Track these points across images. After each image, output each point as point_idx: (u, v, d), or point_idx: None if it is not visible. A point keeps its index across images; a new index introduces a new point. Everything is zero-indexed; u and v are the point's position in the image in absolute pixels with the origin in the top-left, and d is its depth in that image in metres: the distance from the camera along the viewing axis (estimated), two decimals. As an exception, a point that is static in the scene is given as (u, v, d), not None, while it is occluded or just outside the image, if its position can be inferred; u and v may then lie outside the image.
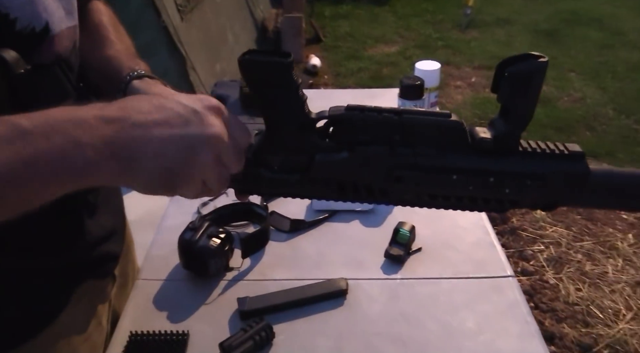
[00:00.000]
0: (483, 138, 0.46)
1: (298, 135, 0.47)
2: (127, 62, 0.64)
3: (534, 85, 0.43)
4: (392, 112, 0.46)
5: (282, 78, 0.44)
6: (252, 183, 0.50)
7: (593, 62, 4.13)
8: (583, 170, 0.46)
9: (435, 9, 5.26)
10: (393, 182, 0.47)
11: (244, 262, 0.92)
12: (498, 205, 0.48)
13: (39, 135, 0.36)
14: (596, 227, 2.27)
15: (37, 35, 0.53)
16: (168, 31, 2.32)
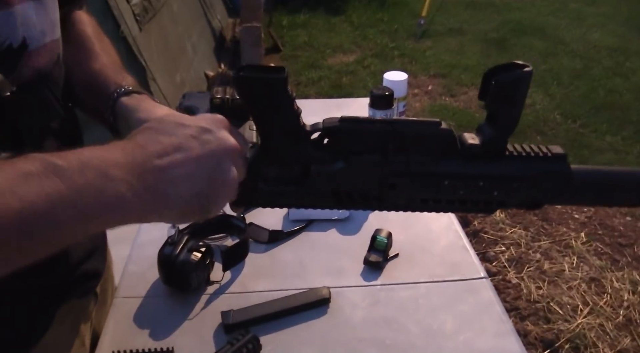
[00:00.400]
0: (472, 144, 0.49)
1: (293, 147, 0.48)
2: (114, 77, 0.63)
3: (519, 93, 0.45)
4: (385, 122, 0.48)
5: (278, 93, 0.45)
6: (248, 196, 0.50)
7: (539, 69, 4.35)
8: (565, 170, 0.49)
9: (390, 19, 5.39)
10: (387, 189, 0.49)
11: (225, 275, 0.92)
12: (486, 207, 0.51)
13: (74, 171, 0.37)
14: (551, 227, 2.38)
15: (15, 51, 0.52)
16: (127, 41, 2.27)
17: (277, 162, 0.49)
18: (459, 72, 4.13)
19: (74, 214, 0.37)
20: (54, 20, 0.58)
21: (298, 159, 0.49)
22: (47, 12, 0.56)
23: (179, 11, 3.29)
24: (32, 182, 0.35)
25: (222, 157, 0.42)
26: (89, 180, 0.37)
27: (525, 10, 6.02)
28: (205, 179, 0.41)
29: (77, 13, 0.71)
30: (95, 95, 0.61)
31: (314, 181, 0.49)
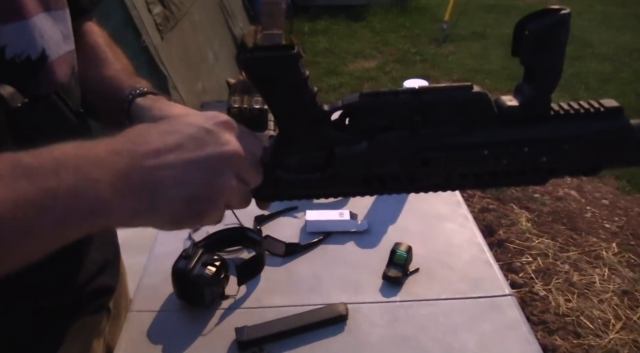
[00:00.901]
0: (510, 106, 0.44)
1: (313, 131, 0.45)
2: (128, 81, 0.62)
3: (558, 41, 0.40)
4: (409, 92, 0.43)
5: (289, 72, 0.42)
6: (272, 188, 0.47)
7: (565, 73, 4.21)
8: (623, 125, 0.44)
9: (412, 24, 5.35)
10: (420, 166, 0.45)
11: (240, 290, 0.90)
12: (535, 176, 0.46)
13: (46, 172, 0.33)
14: (580, 237, 2.30)
15: (34, 63, 0.51)
16: (148, 51, 2.29)
17: (298, 149, 0.46)
18: (483, 77, 4.06)
19: (48, 219, 0.33)
20: (69, 32, 0.58)
21: (319, 143, 0.45)
22: (62, 24, 0.56)
23: (201, 20, 3.32)
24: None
25: (220, 161, 0.38)
26: (63, 182, 0.33)
27: (551, 13, 5.90)
28: (198, 184, 0.37)
29: (88, 24, 0.71)
30: (111, 101, 0.60)
31: (339, 166, 0.46)
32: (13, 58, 0.49)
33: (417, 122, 0.44)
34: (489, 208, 2.47)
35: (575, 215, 2.47)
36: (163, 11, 2.54)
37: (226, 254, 0.97)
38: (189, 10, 3.04)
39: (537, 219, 2.43)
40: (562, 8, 0.40)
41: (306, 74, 0.42)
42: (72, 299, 0.65)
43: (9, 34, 0.48)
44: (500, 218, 2.41)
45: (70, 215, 0.34)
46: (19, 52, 0.49)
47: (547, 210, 2.50)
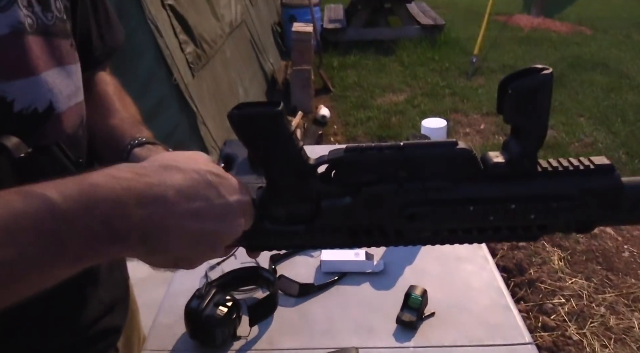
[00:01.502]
0: (496, 163, 0.44)
1: (299, 184, 0.46)
2: (130, 130, 0.64)
3: (541, 100, 0.41)
4: (394, 147, 0.44)
5: (274, 128, 0.43)
6: (260, 239, 0.48)
7: (601, 106, 4.14)
8: (614, 184, 0.43)
9: (441, 57, 5.37)
10: (407, 221, 0.45)
11: (252, 331, 0.90)
12: (526, 233, 0.45)
13: (72, 213, 0.36)
14: (617, 277, 2.19)
15: (41, 115, 0.54)
16: (179, 88, 2.38)
17: (285, 201, 0.47)
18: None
19: (63, 259, 0.37)
20: (78, 84, 0.61)
21: (306, 196, 0.46)
22: (72, 77, 0.59)
23: (232, 56, 3.43)
24: (27, 223, 0.35)
25: (237, 209, 0.43)
26: (88, 227, 0.37)
27: (585, 45, 5.83)
28: (203, 251, 0.42)
29: (100, 74, 0.74)
30: (112, 150, 0.63)
31: (325, 218, 0.46)
32: (20, 111, 0.52)
33: (402, 177, 0.44)
34: (519, 246, 2.39)
35: (612, 254, 2.36)
36: (195, 50, 2.64)
37: (240, 293, 0.97)
38: (220, 48, 3.15)
39: (571, 258, 2.34)
40: (545, 68, 0.40)
41: (291, 130, 0.44)
42: (76, 340, 0.66)
43: (18, 89, 0.51)
44: (530, 257, 2.33)
45: (85, 256, 0.38)
46: (27, 106, 0.52)
47: (581, 248, 2.40)
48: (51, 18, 0.56)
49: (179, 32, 2.51)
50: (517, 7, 7.67)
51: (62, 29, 0.58)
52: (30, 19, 0.53)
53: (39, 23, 0.54)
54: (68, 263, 0.37)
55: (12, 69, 0.51)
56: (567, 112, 3.97)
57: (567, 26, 6.72)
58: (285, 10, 5.56)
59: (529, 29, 6.53)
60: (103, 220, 0.37)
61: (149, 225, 0.39)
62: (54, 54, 0.56)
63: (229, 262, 1.08)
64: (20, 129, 0.51)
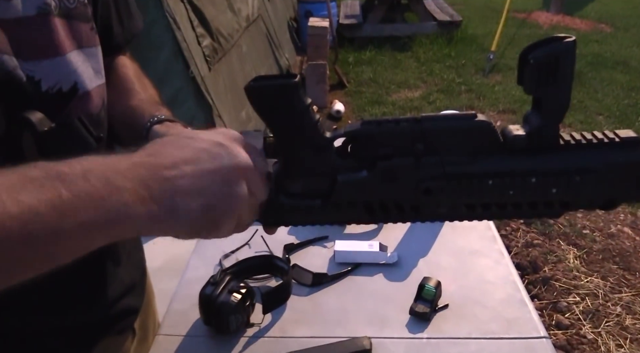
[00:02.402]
0: (516, 135, 0.42)
1: (315, 158, 0.45)
2: (149, 109, 0.65)
3: (563, 69, 0.39)
4: (411, 120, 0.43)
5: (290, 100, 0.43)
6: (276, 214, 0.48)
7: (621, 105, 4.08)
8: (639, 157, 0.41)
9: (457, 54, 5.32)
10: (423, 195, 0.44)
11: (265, 318, 0.90)
12: (548, 209, 0.44)
13: (77, 178, 0.36)
14: (634, 277, 2.16)
15: (65, 94, 0.55)
16: (196, 81, 2.39)
17: (300, 175, 0.46)
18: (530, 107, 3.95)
19: (77, 222, 0.35)
20: (100, 67, 0.62)
21: (322, 170, 0.46)
22: (94, 59, 0.60)
23: (248, 51, 3.44)
24: (33, 187, 0.35)
25: (233, 172, 0.41)
26: (92, 187, 0.36)
27: (605, 43, 5.73)
28: (214, 193, 0.41)
29: (120, 58, 0.75)
30: (132, 129, 0.64)
31: (341, 193, 0.46)
32: (47, 90, 0.53)
33: (419, 150, 0.43)
34: (534, 244, 2.37)
35: (629, 254, 2.32)
36: (212, 43, 2.66)
37: (254, 281, 0.98)
38: (237, 42, 3.16)
39: (587, 257, 2.31)
40: (568, 36, 0.39)
41: (307, 102, 0.43)
42: (98, 319, 0.67)
43: (45, 69, 0.53)
44: (545, 255, 2.30)
45: (97, 219, 0.36)
46: (52, 85, 0.54)
47: (598, 247, 2.37)
48: (73, 2, 0.57)
49: (196, 25, 2.52)
50: (536, 3, 7.57)
51: (83, 13, 0.59)
52: (54, 2, 0.54)
53: (61, 6, 0.55)
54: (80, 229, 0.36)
55: (40, 49, 0.52)
56: (585, 111, 3.92)
57: (587, 24, 6.61)
58: (302, 5, 5.56)
59: (548, 26, 6.44)
60: (105, 180, 0.37)
61: (152, 183, 0.39)
62: (76, 37, 0.57)
63: (243, 250, 1.09)
64: (46, 107, 0.52)
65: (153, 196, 0.38)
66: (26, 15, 0.51)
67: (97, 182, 0.36)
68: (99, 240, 0.38)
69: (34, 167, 0.36)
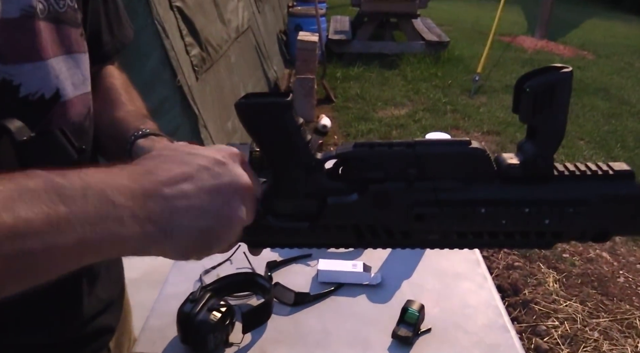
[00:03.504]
0: (510, 164, 0.42)
1: (305, 179, 0.44)
2: (134, 123, 0.64)
3: (559, 99, 0.39)
4: (404, 144, 0.43)
5: (281, 119, 0.42)
6: (262, 235, 0.46)
7: (601, 131, 4.17)
8: (634, 191, 0.41)
9: (444, 74, 5.40)
10: (414, 221, 0.43)
11: (245, 338, 0.88)
12: (540, 240, 0.43)
13: (75, 191, 0.35)
14: (612, 302, 2.18)
15: (47, 102, 0.54)
16: (182, 90, 2.37)
17: (290, 196, 0.45)
18: (514, 130, 4.02)
19: (72, 239, 0.34)
20: (86, 74, 0.60)
21: (311, 191, 0.45)
22: (79, 67, 0.58)
23: (237, 62, 3.43)
24: (31, 199, 0.33)
25: (233, 193, 0.40)
26: (90, 204, 0.35)
27: (587, 69, 5.88)
28: (212, 214, 0.39)
29: (108, 67, 0.73)
30: (116, 141, 0.62)
31: (331, 215, 0.44)
32: (27, 96, 0.51)
33: (412, 175, 0.43)
34: (515, 266, 2.38)
35: (607, 279, 2.35)
36: (200, 53, 2.64)
37: (234, 299, 0.96)
38: (225, 53, 3.15)
39: (566, 281, 2.32)
40: (565, 66, 0.39)
41: (299, 122, 0.42)
42: (72, 337, 0.64)
43: (26, 73, 0.51)
44: (526, 277, 2.31)
45: (93, 237, 0.35)
46: (34, 91, 0.52)
47: (577, 271, 2.39)
48: (63, 6, 0.55)
49: (186, 34, 2.51)
50: (521, 28, 7.75)
51: (73, 18, 0.57)
52: (42, 5, 0.52)
53: (50, 9, 0.53)
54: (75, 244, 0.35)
55: (21, 52, 0.50)
56: (567, 135, 3.95)
57: (570, 50, 6.78)
58: (292, 19, 5.60)
59: (532, 51, 6.59)
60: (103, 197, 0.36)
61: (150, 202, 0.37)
62: (64, 42, 0.55)
63: (224, 267, 1.06)
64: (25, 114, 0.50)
65: (151, 217, 0.37)
66: (8, 17, 0.49)
67: (95, 199, 0.35)
68: (90, 258, 0.37)
69: (33, 177, 0.35)
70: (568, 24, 8.16)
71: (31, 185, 0.34)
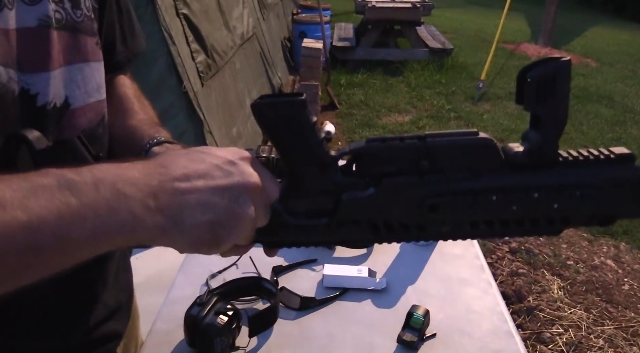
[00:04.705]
0: (517, 152, 0.44)
1: (320, 176, 0.45)
2: (149, 131, 0.65)
3: (560, 86, 0.41)
4: (415, 137, 0.44)
5: (296, 117, 0.44)
6: (279, 234, 0.47)
7: (605, 138, 4.16)
8: (634, 173, 0.43)
9: (448, 81, 5.41)
10: (428, 212, 0.44)
11: (251, 342, 0.88)
12: (549, 226, 0.45)
13: (87, 187, 0.36)
14: (617, 310, 2.17)
15: (59, 110, 0.55)
16: (188, 96, 2.39)
17: (305, 194, 0.46)
18: (518, 137, 3.96)
19: (84, 231, 0.36)
20: (100, 82, 0.61)
21: (326, 188, 0.46)
22: (94, 74, 0.59)
23: (242, 68, 3.46)
24: (43, 195, 0.35)
25: (243, 191, 0.41)
26: (102, 197, 0.36)
27: (591, 77, 5.88)
28: (222, 210, 0.40)
29: (121, 77, 0.75)
30: (131, 149, 0.64)
31: (346, 211, 0.45)
32: (44, 105, 0.52)
33: (424, 167, 0.44)
34: (519, 273, 2.38)
35: (612, 286, 2.35)
36: (206, 59, 2.66)
37: (241, 303, 0.97)
38: (231, 59, 3.18)
39: (570, 288, 2.32)
40: (563, 56, 0.41)
41: (313, 120, 0.44)
42: (79, 343, 0.65)
43: (42, 82, 0.52)
44: (530, 284, 2.31)
45: (105, 228, 0.36)
46: (50, 100, 0.53)
47: (581, 279, 2.39)
48: (80, 15, 0.56)
49: (191, 41, 2.53)
50: (524, 36, 7.76)
51: (89, 27, 0.58)
52: (59, 14, 0.53)
53: (67, 19, 0.55)
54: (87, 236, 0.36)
55: (37, 61, 0.52)
56: (571, 142, 3.99)
57: (574, 58, 6.78)
58: (296, 26, 5.63)
59: (535, 58, 6.59)
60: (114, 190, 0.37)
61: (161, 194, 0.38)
62: (79, 50, 0.57)
63: (230, 271, 1.07)
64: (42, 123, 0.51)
65: (161, 207, 0.38)
66: (26, 26, 0.50)
67: (107, 192, 0.37)
68: (103, 248, 0.38)
69: (45, 175, 0.36)
70: (571, 32, 8.17)
71: (44, 182, 0.36)
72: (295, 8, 6.43)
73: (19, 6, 0.49)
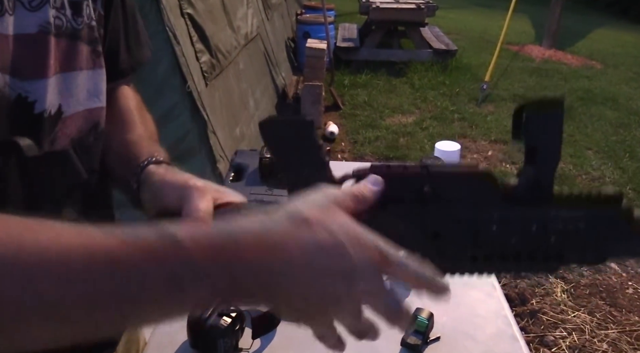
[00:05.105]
0: (515, 185, 0.45)
1: None
2: (147, 148, 0.63)
3: (553, 125, 0.43)
4: (418, 166, 0.46)
5: (303, 136, 0.45)
6: None
7: (609, 140, 4.15)
8: (620, 213, 0.44)
9: (452, 82, 5.40)
10: (431, 239, 0.45)
11: (254, 343, 0.88)
12: (545, 262, 0.46)
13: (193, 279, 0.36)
14: (621, 314, 2.16)
15: (53, 118, 0.54)
16: (192, 96, 2.39)
17: None
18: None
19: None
20: (93, 90, 0.60)
21: None
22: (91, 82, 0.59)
23: (245, 68, 3.46)
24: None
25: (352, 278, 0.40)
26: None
27: (595, 79, 5.86)
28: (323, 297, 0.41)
29: (123, 87, 0.73)
30: (126, 164, 0.62)
31: None
32: (42, 113, 0.52)
33: (427, 194, 0.45)
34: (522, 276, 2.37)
35: (616, 289, 2.33)
36: (210, 59, 2.66)
37: (244, 305, 0.96)
38: (234, 59, 3.18)
39: (574, 291, 2.31)
40: (556, 96, 0.44)
41: (319, 143, 0.45)
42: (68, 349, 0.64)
43: (40, 90, 0.51)
44: (533, 287, 2.30)
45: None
46: (47, 108, 0.52)
47: (585, 282, 2.38)
48: (80, 23, 0.56)
49: (196, 41, 2.53)
50: (529, 37, 7.74)
51: (90, 35, 0.58)
52: (59, 21, 0.53)
53: (67, 26, 0.54)
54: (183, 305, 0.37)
55: (36, 68, 0.51)
56: (575, 144, 3.98)
57: (578, 59, 6.76)
58: (300, 26, 5.63)
59: (540, 60, 6.58)
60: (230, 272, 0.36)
61: (270, 284, 0.38)
62: (74, 58, 0.56)
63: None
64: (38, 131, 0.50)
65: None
66: (26, 32, 0.50)
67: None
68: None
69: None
70: (576, 34, 8.14)
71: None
72: (300, 8, 6.44)
73: (19, 12, 0.48)
